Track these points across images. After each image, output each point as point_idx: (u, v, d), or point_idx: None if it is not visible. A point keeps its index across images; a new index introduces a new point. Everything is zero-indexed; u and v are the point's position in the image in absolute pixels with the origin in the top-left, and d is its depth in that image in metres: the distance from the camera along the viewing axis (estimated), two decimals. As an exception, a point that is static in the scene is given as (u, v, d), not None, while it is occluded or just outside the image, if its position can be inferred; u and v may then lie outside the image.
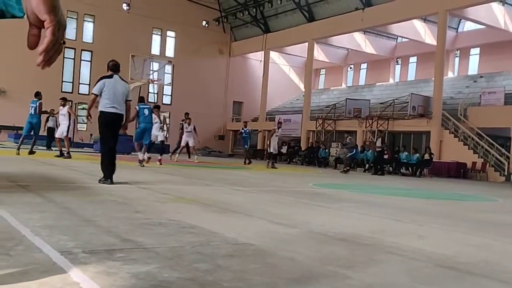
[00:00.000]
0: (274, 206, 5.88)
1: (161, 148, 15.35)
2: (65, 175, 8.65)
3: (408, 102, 25.99)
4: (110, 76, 7.48)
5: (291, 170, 18.99)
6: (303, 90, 43.23)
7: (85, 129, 31.36)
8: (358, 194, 9.23)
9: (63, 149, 14.64)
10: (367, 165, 22.65)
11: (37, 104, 14.40)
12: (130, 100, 7.70)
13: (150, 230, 3.52)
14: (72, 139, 16.61)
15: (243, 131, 21.90)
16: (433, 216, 6.00)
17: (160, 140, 15.38)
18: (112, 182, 7.03)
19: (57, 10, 1.22)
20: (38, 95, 14.82)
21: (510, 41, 29.61)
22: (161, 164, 13.96)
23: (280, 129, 19.65)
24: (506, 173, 21.79)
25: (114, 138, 7.31)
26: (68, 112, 14.87)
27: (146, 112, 13.19)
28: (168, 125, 16.90)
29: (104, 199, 5.37)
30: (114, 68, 7.59)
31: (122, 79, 7.66)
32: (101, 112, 7.29)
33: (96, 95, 7.39)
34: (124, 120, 7.56)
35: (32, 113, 14.38)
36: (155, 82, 25.80)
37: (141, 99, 14.12)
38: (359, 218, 5.33)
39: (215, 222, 4.14)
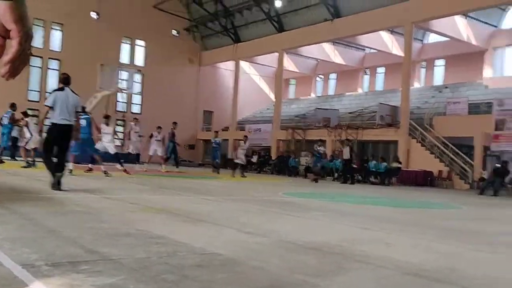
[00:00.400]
0: (243, 215, 5.86)
1: (117, 158, 14.55)
2: (30, 185, 8.44)
3: (376, 112, 26.42)
4: (62, 89, 7.86)
5: (261, 179, 19.01)
6: (274, 100, 43.52)
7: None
8: (328, 203, 9.29)
9: (28, 159, 14.44)
10: (336, 174, 22.86)
11: (10, 114, 14.89)
12: (80, 112, 8.31)
13: (117, 240, 3.45)
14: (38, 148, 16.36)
15: (213, 141, 21.85)
16: (401, 224, 6.08)
17: (115, 152, 14.36)
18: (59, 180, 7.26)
19: (25, 20, 1.18)
20: (13, 106, 15.24)
21: (473, 53, 30.50)
22: (128, 174, 13.75)
23: (246, 143, 19.73)
24: (470, 181, 22.33)
25: (66, 147, 7.96)
26: (25, 124, 15.02)
27: (83, 122, 12.43)
28: (117, 135, 16.47)
29: (70, 209, 5.25)
30: (65, 81, 7.98)
31: (73, 92, 7.98)
32: (53, 123, 7.70)
33: (50, 107, 7.72)
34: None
35: (5, 123, 14.79)
36: (123, 91, 25.49)
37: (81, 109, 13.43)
38: (328, 227, 5.36)
39: (183, 232, 4.10)
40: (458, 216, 8.55)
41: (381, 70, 36.88)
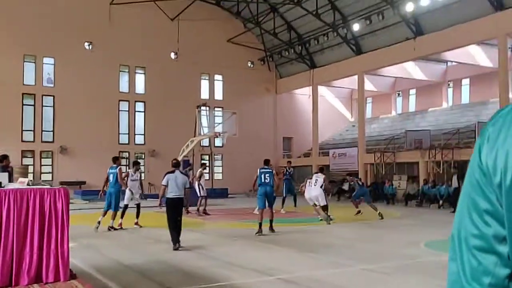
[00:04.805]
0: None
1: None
2: (194, 264, 8.33)
3: (473, 129, 25.23)
4: (173, 172, 10.24)
5: (369, 214, 17.74)
6: (351, 120, 42.85)
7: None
8: None
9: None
10: (440, 201, 21.99)
11: (117, 170, 13.39)
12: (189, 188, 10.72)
13: None
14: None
15: (287, 172, 20.41)
16: None
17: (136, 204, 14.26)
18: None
19: None
20: (117, 160, 13.92)
21: None
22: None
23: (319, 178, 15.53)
24: None
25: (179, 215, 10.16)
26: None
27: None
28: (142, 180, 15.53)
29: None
30: (175, 165, 10.56)
31: (181, 172, 10.55)
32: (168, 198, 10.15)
33: (165, 186, 10.18)
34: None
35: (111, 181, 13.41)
36: (220, 135, 25.69)
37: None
38: None
39: None
40: None
41: (465, 82, 35.20)
